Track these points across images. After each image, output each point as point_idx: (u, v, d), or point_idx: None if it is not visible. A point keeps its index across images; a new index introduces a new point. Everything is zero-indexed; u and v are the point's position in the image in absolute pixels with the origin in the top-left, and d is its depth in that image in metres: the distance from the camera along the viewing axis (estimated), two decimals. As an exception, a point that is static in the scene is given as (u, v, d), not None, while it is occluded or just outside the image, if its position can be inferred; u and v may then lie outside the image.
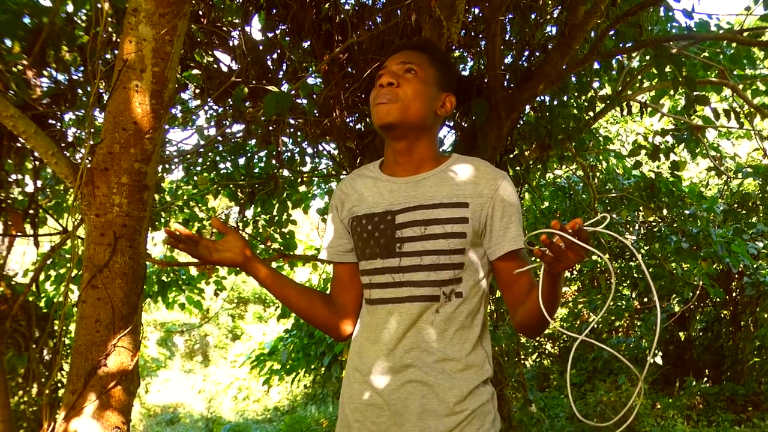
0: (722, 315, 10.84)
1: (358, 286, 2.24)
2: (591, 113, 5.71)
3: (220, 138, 5.41)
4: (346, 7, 4.43)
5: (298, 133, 5.27)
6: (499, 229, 2.06)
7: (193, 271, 7.72)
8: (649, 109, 6.35)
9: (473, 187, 2.07)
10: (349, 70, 4.46)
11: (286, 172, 6.04)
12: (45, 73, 3.67)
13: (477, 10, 4.67)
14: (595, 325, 12.22)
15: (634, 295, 11.33)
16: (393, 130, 2.10)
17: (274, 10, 4.41)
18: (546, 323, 1.91)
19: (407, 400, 2.02)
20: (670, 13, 5.30)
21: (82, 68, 3.94)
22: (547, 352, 13.27)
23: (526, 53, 4.97)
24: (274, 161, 5.83)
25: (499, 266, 2.11)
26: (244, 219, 6.62)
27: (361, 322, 2.21)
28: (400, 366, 2.04)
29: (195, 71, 5.09)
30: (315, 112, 4.42)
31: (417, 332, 2.04)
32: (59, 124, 3.84)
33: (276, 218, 6.59)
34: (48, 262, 5.60)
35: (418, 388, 2.02)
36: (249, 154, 6.08)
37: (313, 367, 10.96)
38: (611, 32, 4.65)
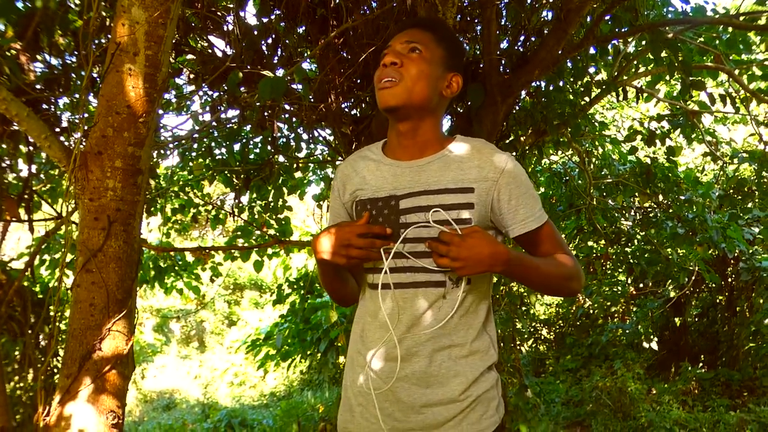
0: (718, 300, 10.87)
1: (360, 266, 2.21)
2: (587, 98, 5.69)
3: (215, 123, 5.40)
4: (341, -9, 4.41)
5: (294, 119, 5.26)
6: (508, 212, 2.05)
7: (190, 257, 7.72)
8: (645, 95, 6.34)
9: (478, 170, 2.05)
10: (345, 55, 4.44)
11: (281, 158, 6.04)
12: (38, 57, 3.66)
13: (473, -5, 4.65)
14: (590, 311, 12.26)
15: (629, 281, 11.35)
16: (397, 112, 2.07)
17: (269, -5, 4.39)
18: (554, 291, 2.17)
19: (411, 388, 2.02)
20: (666, -2, 5.29)
21: (75, 53, 3.92)
22: (542, 337, 13.30)
23: (522, 38, 4.95)
24: (269, 147, 5.83)
25: (518, 244, 2.15)
26: (240, 205, 6.62)
27: (363, 305, 2.19)
28: (405, 353, 2.03)
29: (189, 56, 5.07)
30: (310, 97, 4.41)
31: (422, 319, 2.03)
32: (53, 108, 3.83)
33: (272, 204, 6.58)
34: (43, 246, 5.59)
35: (422, 377, 2.01)
36: (244, 140, 6.06)
37: (309, 352, 10.94)
38: (607, 17, 4.63)
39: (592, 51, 5.19)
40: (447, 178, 2.06)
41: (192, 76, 5.19)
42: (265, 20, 4.46)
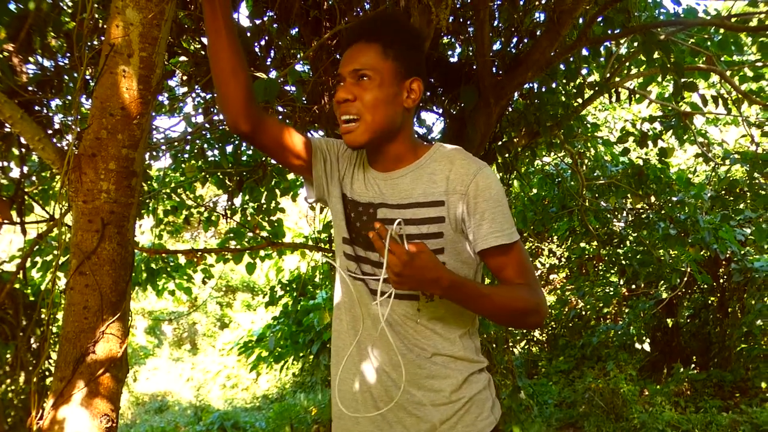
0: (710, 301, 10.89)
1: (284, 137, 2.13)
2: (579, 100, 5.71)
3: (207, 125, 5.39)
4: (334, -7, 4.42)
5: (287, 121, 5.26)
6: (473, 226, 1.97)
7: (182, 260, 7.70)
8: (637, 96, 6.36)
9: (447, 183, 1.99)
10: (338, 56, 4.44)
11: (274, 160, 6.02)
12: (31, 59, 3.65)
13: (466, -4, 4.66)
14: (583, 313, 12.28)
15: (621, 282, 11.37)
16: (367, 146, 2.04)
17: (262, -4, 4.39)
18: (509, 323, 2.08)
19: (403, 387, 2.00)
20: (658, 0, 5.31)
21: (68, 55, 3.92)
22: (535, 339, 13.31)
23: (515, 40, 4.97)
24: (262, 149, 5.81)
25: (483, 261, 2.07)
26: (233, 207, 6.61)
27: (349, 297, 2.14)
28: (396, 359, 2.01)
29: (182, 58, 5.07)
30: (303, 99, 4.41)
31: (404, 328, 2.03)
32: (45, 110, 3.81)
33: (264, 206, 6.57)
34: (35, 249, 5.58)
35: (412, 378, 2.00)
36: (237, 142, 6.06)
37: (301, 354, 10.95)
38: (599, 18, 4.65)
39: (584, 53, 5.20)
40: (418, 191, 2.02)
41: (185, 77, 5.18)
42: (258, 22, 4.46)
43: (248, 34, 4.38)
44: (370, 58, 2.00)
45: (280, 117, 5.10)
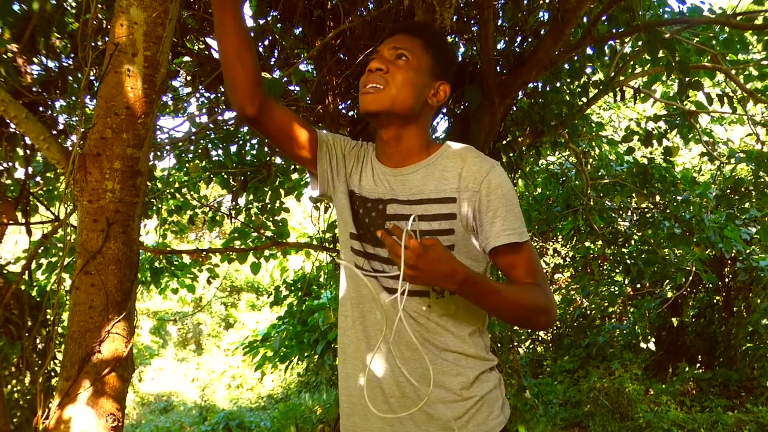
0: (715, 301, 10.88)
1: (290, 126, 2.12)
2: (584, 99, 5.70)
3: (211, 125, 5.39)
4: (338, -8, 4.41)
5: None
6: (485, 224, 1.98)
7: (186, 259, 7.71)
8: (642, 95, 6.34)
9: (459, 180, 2.00)
10: (342, 56, 4.44)
11: (278, 160, 6.03)
12: (35, 60, 3.65)
13: (470, -5, 4.65)
14: (588, 312, 12.26)
15: (626, 282, 11.35)
16: (378, 118, 2.05)
17: (266, -4, 4.39)
18: (518, 322, 2.09)
19: (414, 384, 2.00)
20: (663, -2, 5.30)
21: (72, 55, 3.92)
22: (540, 338, 13.30)
23: (519, 39, 4.96)
24: (266, 148, 5.82)
25: (493, 260, 2.06)
26: (237, 206, 6.61)
27: (357, 292, 2.13)
28: (407, 354, 2.02)
29: (186, 58, 5.07)
30: (308, 98, 4.40)
31: (415, 325, 2.02)
32: (49, 111, 3.82)
33: (269, 206, 6.57)
34: (40, 250, 5.59)
35: (424, 374, 1.99)
36: (241, 142, 6.06)
37: (306, 354, 10.96)
38: (604, 17, 4.63)
39: (589, 51, 5.19)
40: (429, 187, 2.03)
41: (189, 77, 5.18)
42: (261, 22, 4.46)
43: (252, 34, 4.38)
44: (412, 46, 2.08)
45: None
